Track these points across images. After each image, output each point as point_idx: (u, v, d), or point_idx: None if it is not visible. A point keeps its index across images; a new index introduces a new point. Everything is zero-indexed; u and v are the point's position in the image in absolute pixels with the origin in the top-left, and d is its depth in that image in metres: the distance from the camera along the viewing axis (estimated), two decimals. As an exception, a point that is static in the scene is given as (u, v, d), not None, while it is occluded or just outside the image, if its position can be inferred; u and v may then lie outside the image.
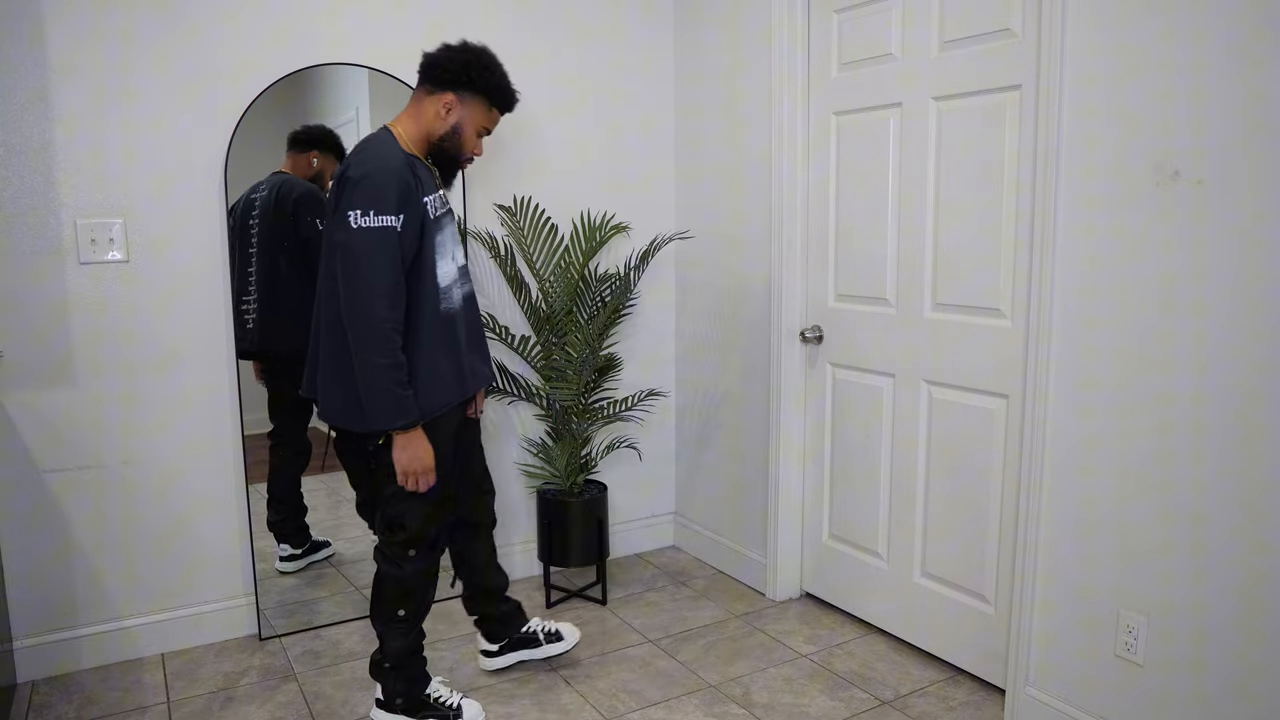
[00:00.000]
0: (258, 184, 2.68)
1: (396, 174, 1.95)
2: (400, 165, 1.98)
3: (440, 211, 2.08)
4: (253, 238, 2.66)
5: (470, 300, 2.18)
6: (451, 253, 2.11)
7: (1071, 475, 2.06)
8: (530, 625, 2.51)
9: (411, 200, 1.96)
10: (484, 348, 2.25)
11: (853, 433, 2.73)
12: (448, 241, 2.10)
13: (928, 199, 2.40)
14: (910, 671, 2.50)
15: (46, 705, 2.36)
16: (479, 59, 2.10)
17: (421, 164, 2.08)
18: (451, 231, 2.13)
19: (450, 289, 2.09)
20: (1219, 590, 1.80)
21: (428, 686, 2.24)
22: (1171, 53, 1.78)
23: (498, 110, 2.17)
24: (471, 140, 2.14)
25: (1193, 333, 1.79)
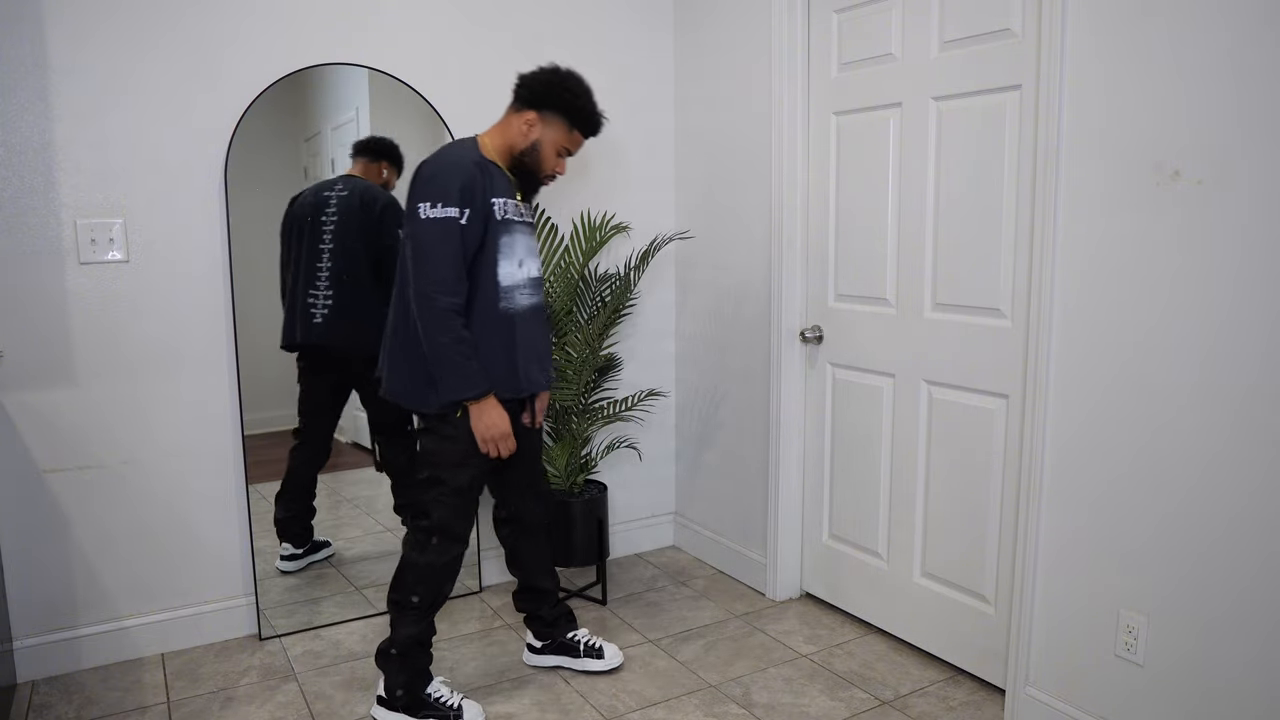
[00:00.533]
0: (329, 181, 2.72)
1: (463, 171, 2.09)
2: (468, 164, 2.11)
3: (511, 216, 2.17)
4: (324, 234, 2.70)
5: (537, 312, 2.25)
6: (520, 259, 2.19)
7: (1071, 475, 2.06)
8: (576, 634, 2.51)
9: (476, 196, 2.09)
10: (545, 362, 2.29)
11: (853, 433, 2.72)
12: (516, 247, 2.18)
13: (928, 199, 2.40)
14: (910, 671, 2.50)
15: (46, 705, 2.36)
16: (563, 81, 2.17)
17: (499, 170, 2.18)
18: (525, 241, 2.21)
19: (513, 291, 2.17)
20: (1219, 590, 1.80)
21: (429, 685, 2.25)
22: (1171, 53, 1.78)
23: (579, 132, 2.21)
24: (551, 158, 2.21)
25: (1193, 333, 1.79)
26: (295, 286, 2.69)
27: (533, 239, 2.26)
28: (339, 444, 2.99)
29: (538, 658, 2.53)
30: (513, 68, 2.99)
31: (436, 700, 2.23)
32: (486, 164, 2.16)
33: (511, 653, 2.61)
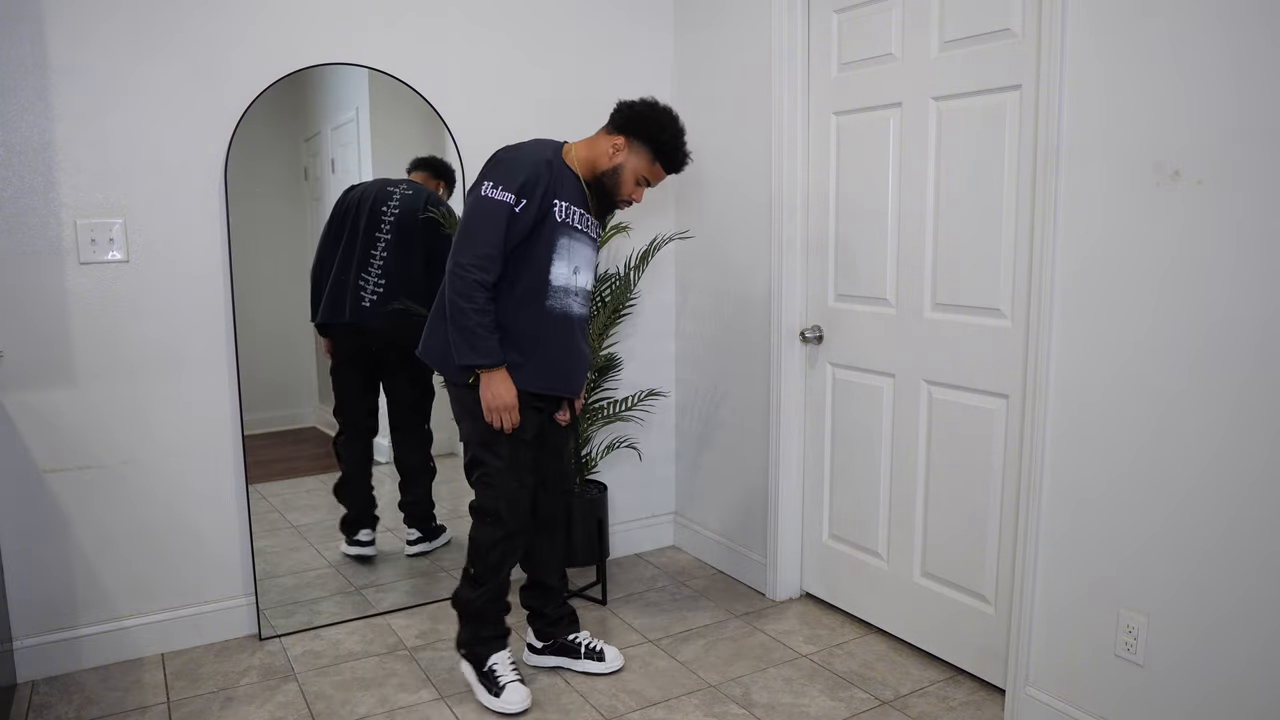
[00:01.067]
0: (393, 179, 2.82)
1: (532, 165, 2.16)
2: (539, 160, 2.18)
3: (573, 220, 2.23)
4: (384, 224, 2.79)
5: (581, 322, 2.31)
6: (576, 265, 2.25)
7: (1071, 475, 2.05)
8: (578, 636, 2.52)
9: (537, 191, 2.15)
10: (577, 368, 2.34)
11: (853, 433, 2.72)
12: (575, 253, 2.24)
13: (928, 199, 2.40)
14: (910, 671, 2.50)
15: (46, 705, 2.36)
16: (656, 115, 2.24)
17: (574, 178, 2.25)
18: (584, 252, 2.27)
19: (562, 293, 2.24)
20: (1219, 590, 1.80)
21: (494, 655, 2.35)
22: (1171, 53, 1.78)
23: (661, 166, 2.26)
24: (630, 184, 2.26)
25: (1192, 333, 1.79)
26: (344, 268, 2.76)
27: (593, 254, 2.32)
28: (339, 444, 2.99)
29: (538, 658, 2.54)
30: (513, 67, 3.00)
31: (491, 669, 2.34)
32: (563, 167, 2.23)
33: (512, 652, 2.60)
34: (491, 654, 2.36)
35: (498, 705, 2.29)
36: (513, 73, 2.99)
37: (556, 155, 2.24)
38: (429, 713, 2.31)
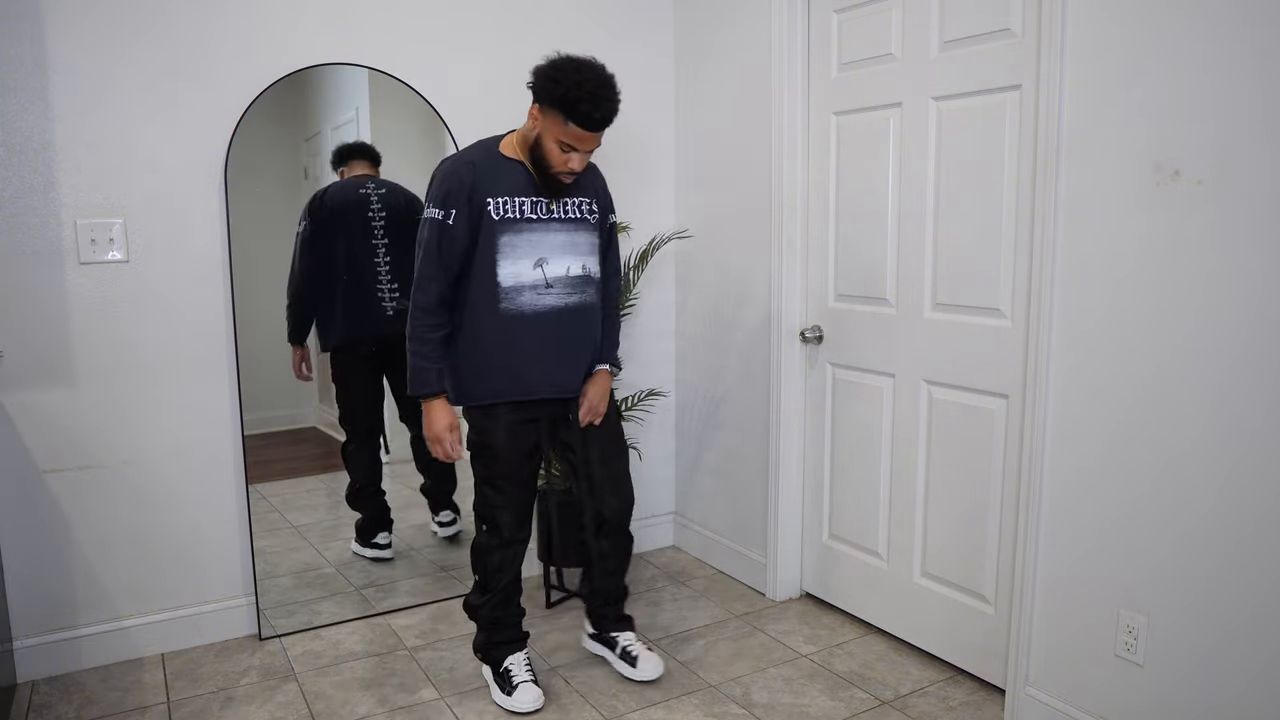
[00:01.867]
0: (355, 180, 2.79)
1: (451, 173, 2.12)
2: (460, 165, 2.13)
3: (519, 212, 2.13)
4: (376, 230, 2.79)
5: (560, 313, 2.19)
6: (540, 257, 2.15)
7: (1071, 475, 2.05)
8: (620, 636, 2.49)
9: (462, 197, 2.09)
10: (571, 361, 2.25)
11: (853, 433, 2.72)
12: (534, 245, 2.14)
13: (928, 199, 2.40)
14: (910, 671, 2.50)
15: (46, 705, 2.36)
16: (552, 70, 2.04)
17: (515, 167, 2.15)
18: (551, 239, 2.16)
19: (515, 291, 2.14)
20: (1219, 590, 1.79)
21: (508, 657, 2.36)
22: (1172, 53, 1.78)
23: (574, 124, 2.03)
24: (555, 153, 2.08)
25: (1192, 332, 1.79)
26: (357, 282, 2.78)
27: (573, 236, 2.20)
28: (339, 444, 2.99)
29: (590, 644, 2.57)
30: (512, 67, 3.00)
31: (506, 670, 2.35)
32: (499, 161, 2.14)
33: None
34: (507, 656, 2.36)
35: (509, 704, 2.31)
36: (512, 72, 2.98)
37: (488, 152, 2.15)
38: (429, 713, 2.31)
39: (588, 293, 2.25)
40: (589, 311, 2.27)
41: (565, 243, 2.20)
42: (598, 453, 2.36)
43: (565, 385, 2.26)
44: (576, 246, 2.22)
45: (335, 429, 2.99)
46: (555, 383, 2.24)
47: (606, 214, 2.34)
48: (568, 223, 2.21)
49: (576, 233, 2.22)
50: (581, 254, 2.23)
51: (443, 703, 2.36)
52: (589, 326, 2.28)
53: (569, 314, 2.22)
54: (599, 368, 2.33)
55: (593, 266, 2.26)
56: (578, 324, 2.24)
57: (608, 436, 2.38)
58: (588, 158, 2.14)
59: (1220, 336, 1.75)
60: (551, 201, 2.18)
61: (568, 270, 2.20)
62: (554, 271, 2.18)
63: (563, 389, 2.26)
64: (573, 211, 2.22)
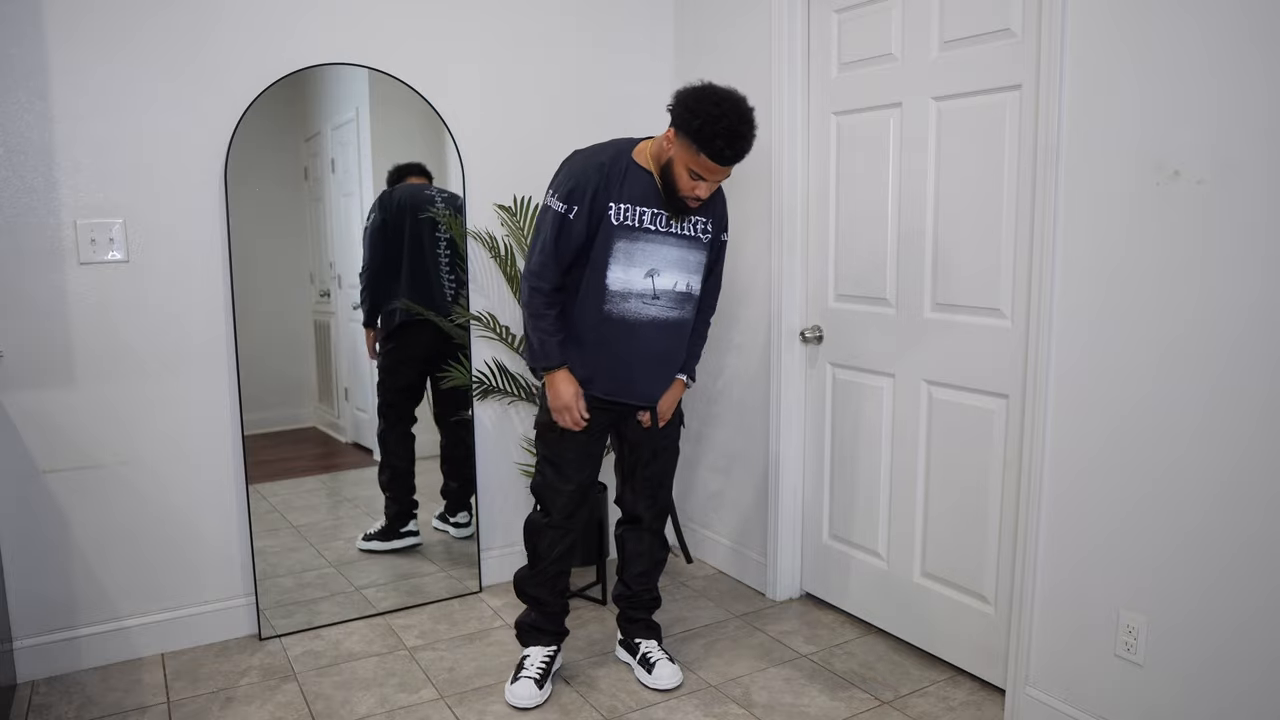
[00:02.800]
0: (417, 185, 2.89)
1: (582, 172, 2.15)
2: (592, 162, 2.16)
3: (638, 221, 2.16)
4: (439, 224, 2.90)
5: (660, 325, 2.22)
6: (652, 268, 2.19)
7: (1071, 475, 2.05)
8: (643, 642, 2.49)
9: (586, 196, 2.13)
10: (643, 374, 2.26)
11: (853, 433, 2.72)
12: (645, 255, 2.18)
13: (928, 199, 2.40)
14: (910, 671, 2.50)
15: (46, 705, 2.36)
16: (690, 100, 2.05)
17: (644, 176, 2.17)
18: (665, 252, 2.19)
19: (621, 297, 2.18)
20: (1219, 590, 1.79)
21: (531, 646, 2.41)
22: (1172, 53, 1.78)
23: (706, 154, 2.03)
24: (684, 179, 2.09)
25: (1192, 332, 1.79)
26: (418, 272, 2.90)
27: (686, 253, 2.22)
28: (339, 444, 2.99)
29: (620, 651, 2.57)
30: (512, 67, 3.00)
31: (523, 659, 2.40)
32: (628, 167, 2.17)
33: (511, 652, 2.61)
34: (531, 645, 2.41)
35: (506, 692, 2.35)
36: (513, 73, 2.99)
37: (621, 155, 2.18)
38: (429, 713, 2.31)
39: (686, 309, 2.28)
40: (685, 328, 2.30)
41: (678, 258, 2.23)
42: (649, 453, 2.38)
43: (648, 395, 2.30)
44: (687, 264, 2.24)
45: (335, 429, 2.99)
46: (640, 393, 2.28)
47: (720, 233, 2.35)
48: (683, 239, 2.23)
49: (690, 250, 2.24)
50: (690, 271, 2.25)
51: (443, 703, 2.36)
52: (682, 342, 2.32)
53: (669, 328, 2.24)
54: (677, 376, 2.36)
55: (696, 285, 2.28)
56: (674, 338, 2.27)
57: (665, 441, 2.40)
58: (715, 186, 2.15)
59: (1220, 336, 1.75)
60: (672, 216, 2.20)
61: (674, 285, 2.23)
62: (663, 284, 2.21)
63: (644, 398, 2.29)
64: (689, 230, 2.24)
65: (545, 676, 2.38)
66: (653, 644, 2.48)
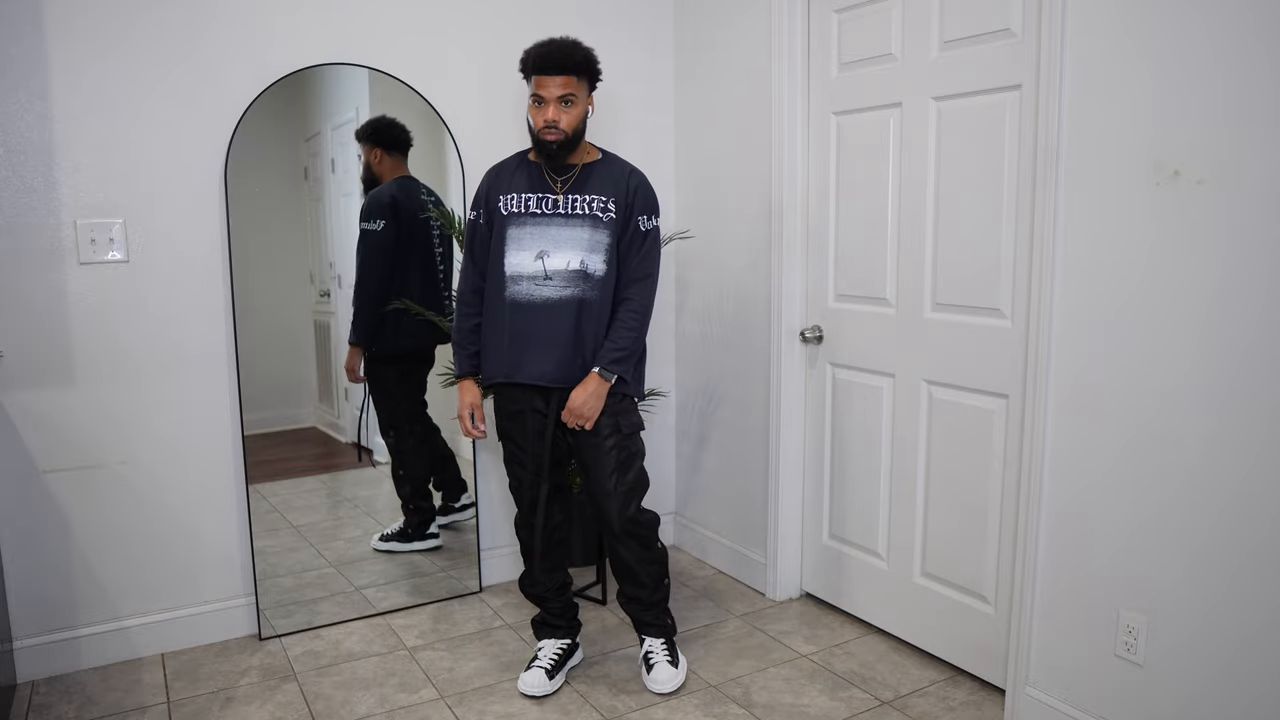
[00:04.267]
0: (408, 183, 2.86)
1: (483, 179, 2.37)
2: (488, 172, 2.37)
3: (523, 207, 2.27)
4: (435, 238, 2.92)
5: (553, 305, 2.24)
6: (542, 250, 2.26)
7: (1071, 475, 2.05)
8: (647, 642, 2.47)
9: (483, 198, 2.34)
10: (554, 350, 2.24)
11: (853, 433, 2.72)
12: (535, 237, 2.26)
13: (928, 199, 2.40)
14: (910, 671, 2.50)
15: (46, 705, 2.36)
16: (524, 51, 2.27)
17: (528, 166, 2.32)
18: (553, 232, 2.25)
19: (515, 280, 2.27)
20: (1219, 590, 1.79)
21: (543, 639, 2.48)
22: (1172, 52, 1.78)
23: (535, 74, 2.21)
24: (534, 114, 2.23)
25: (1191, 332, 1.79)
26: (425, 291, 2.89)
27: (578, 231, 2.24)
28: (339, 444, 3.00)
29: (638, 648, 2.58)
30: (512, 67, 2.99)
31: (536, 651, 2.46)
32: (519, 164, 2.34)
33: (511, 652, 2.61)
34: (544, 638, 2.49)
35: (519, 679, 2.42)
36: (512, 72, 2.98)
37: (515, 157, 2.37)
38: (429, 713, 2.31)
39: (584, 288, 2.25)
40: (583, 305, 2.25)
41: (569, 237, 2.25)
42: (582, 464, 2.35)
43: (545, 375, 2.26)
44: (579, 241, 2.25)
45: (335, 429, 3.00)
46: (535, 371, 2.27)
47: (632, 215, 2.29)
48: (573, 218, 2.26)
49: (582, 228, 2.25)
50: (585, 250, 2.25)
51: (443, 703, 2.36)
52: (581, 321, 2.25)
53: (562, 307, 2.24)
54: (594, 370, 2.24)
55: (595, 264, 2.25)
56: (568, 317, 2.24)
57: (589, 448, 2.31)
58: (565, 109, 2.20)
59: (1220, 336, 1.75)
60: (559, 197, 2.26)
61: (567, 264, 2.24)
62: (554, 264, 2.25)
63: (544, 378, 2.26)
64: (581, 208, 2.25)
65: (558, 668, 2.41)
66: (656, 643, 2.47)
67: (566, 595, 2.50)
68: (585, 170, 2.29)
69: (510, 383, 2.30)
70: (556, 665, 2.41)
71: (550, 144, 2.21)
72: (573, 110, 2.21)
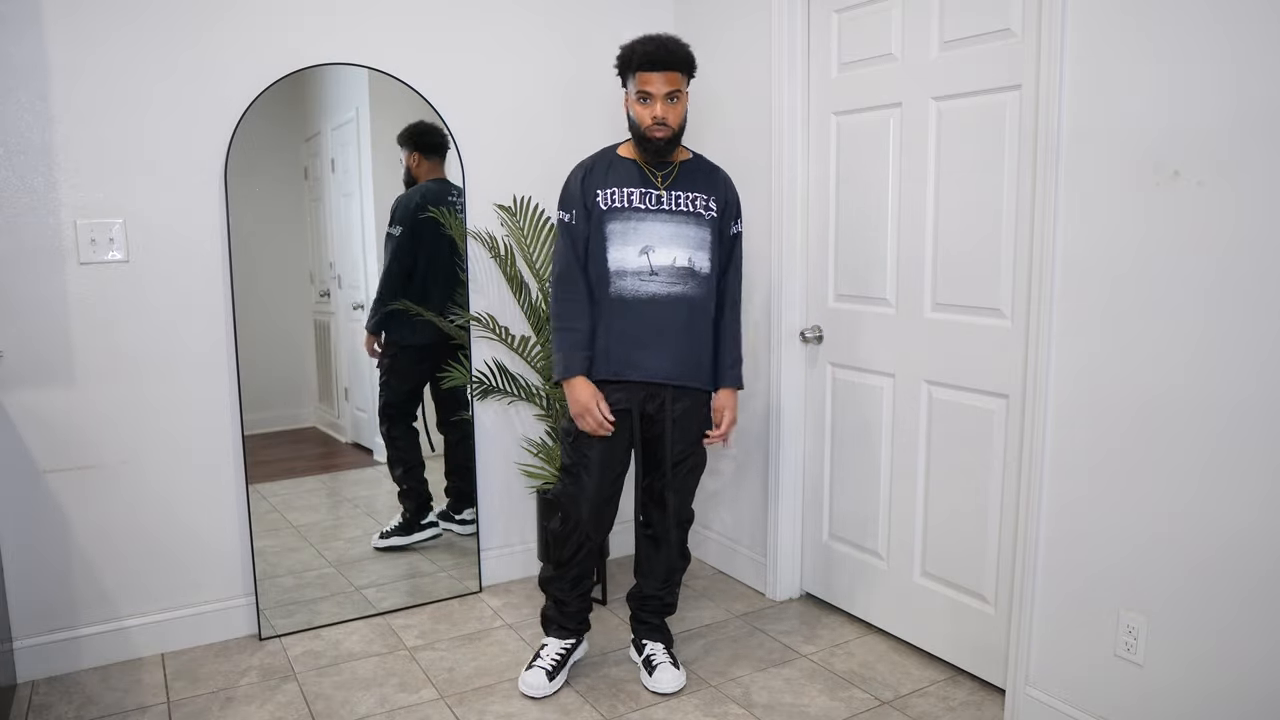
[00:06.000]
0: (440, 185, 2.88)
1: (569, 180, 2.32)
2: (575, 170, 2.32)
3: (626, 202, 2.24)
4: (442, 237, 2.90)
5: (661, 301, 2.23)
6: (646, 245, 2.24)
7: (1071, 475, 2.05)
8: (649, 644, 2.48)
9: (576, 196, 2.27)
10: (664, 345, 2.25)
11: (853, 433, 2.72)
12: (640, 233, 2.24)
13: (928, 199, 2.40)
14: (910, 671, 2.50)
15: (46, 705, 2.36)
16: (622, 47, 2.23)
17: (625, 163, 2.29)
18: (658, 229, 2.24)
19: (621, 275, 2.24)
20: (1219, 591, 1.79)
21: (550, 636, 2.45)
22: (1172, 53, 1.78)
23: (640, 71, 2.18)
24: (640, 113, 2.21)
25: (1191, 333, 1.79)
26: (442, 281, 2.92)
27: (682, 228, 2.25)
28: (339, 444, 3.00)
29: (632, 651, 2.57)
30: (512, 67, 3.00)
31: (541, 647, 2.44)
32: (612, 160, 2.29)
33: (511, 652, 2.61)
34: (550, 635, 2.46)
35: (520, 678, 2.40)
36: (512, 73, 2.99)
37: (605, 154, 2.32)
38: (429, 713, 2.31)
39: (691, 285, 2.26)
40: (692, 303, 2.26)
41: (673, 234, 2.25)
42: (672, 460, 2.34)
43: (653, 369, 2.26)
44: (685, 239, 2.25)
45: (335, 429, 3.00)
46: (642, 365, 2.25)
47: (730, 220, 2.35)
48: (677, 214, 2.25)
49: (686, 225, 2.26)
50: (691, 247, 2.25)
51: (443, 703, 2.36)
52: (690, 318, 2.27)
53: (672, 303, 2.24)
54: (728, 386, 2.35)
55: (701, 262, 2.26)
56: (678, 313, 2.25)
57: (691, 447, 2.37)
58: (671, 105, 2.19)
59: (1220, 336, 1.75)
60: (662, 194, 2.25)
61: (674, 260, 2.24)
62: (659, 260, 2.23)
63: (650, 373, 2.26)
64: (685, 205, 2.26)
65: (559, 669, 2.40)
66: (659, 647, 2.47)
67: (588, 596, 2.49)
68: (683, 168, 2.31)
69: (618, 380, 2.26)
70: (557, 666, 2.40)
71: (659, 140, 2.21)
72: (678, 106, 2.21)
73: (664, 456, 2.33)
